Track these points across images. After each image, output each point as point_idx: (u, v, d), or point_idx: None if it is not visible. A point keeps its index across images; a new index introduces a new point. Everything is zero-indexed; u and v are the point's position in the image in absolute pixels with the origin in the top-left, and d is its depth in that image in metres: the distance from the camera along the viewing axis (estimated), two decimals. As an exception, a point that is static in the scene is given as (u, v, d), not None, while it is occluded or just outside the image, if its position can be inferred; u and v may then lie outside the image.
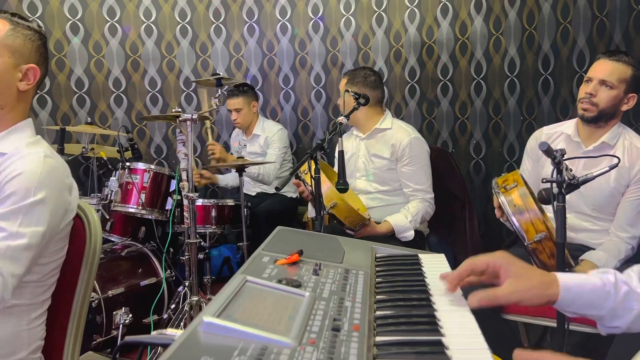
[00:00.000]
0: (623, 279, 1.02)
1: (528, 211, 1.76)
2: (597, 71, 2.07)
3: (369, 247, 1.36)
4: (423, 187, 2.66)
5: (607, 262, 1.98)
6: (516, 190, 1.80)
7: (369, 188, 2.73)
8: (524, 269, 1.02)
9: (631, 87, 2.05)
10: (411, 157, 2.64)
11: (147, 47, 4.22)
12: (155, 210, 2.99)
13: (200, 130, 4.28)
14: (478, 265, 1.04)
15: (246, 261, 1.09)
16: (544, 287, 1.00)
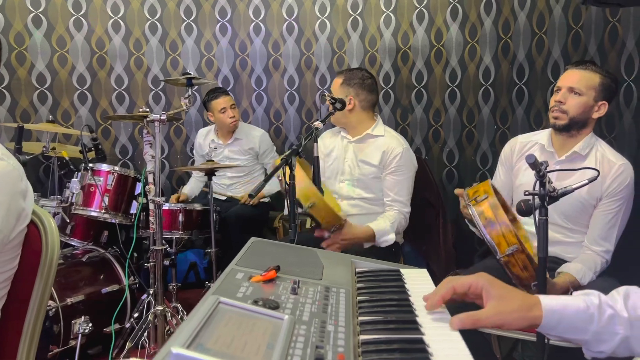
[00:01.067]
0: (608, 301, 0.98)
1: (499, 223, 1.72)
2: (566, 80, 2.09)
3: (349, 261, 1.29)
4: (402, 199, 2.60)
5: (584, 274, 1.97)
6: (486, 202, 1.76)
7: (352, 194, 2.65)
8: (507, 290, 0.98)
9: (601, 95, 2.05)
10: (399, 166, 2.57)
11: (114, 44, 4.06)
12: (119, 214, 2.85)
13: (167, 131, 4.15)
14: (459, 287, 1.01)
15: (218, 278, 1.00)
16: (527, 309, 0.96)
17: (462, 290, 1.00)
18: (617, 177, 2.03)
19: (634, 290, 0.98)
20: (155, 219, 2.44)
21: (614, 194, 2.03)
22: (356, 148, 2.66)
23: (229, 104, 3.60)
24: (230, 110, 3.60)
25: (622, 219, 2.05)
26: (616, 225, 2.04)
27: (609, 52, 2.66)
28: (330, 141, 2.77)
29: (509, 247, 1.68)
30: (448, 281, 1.02)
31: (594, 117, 2.08)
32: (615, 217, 2.03)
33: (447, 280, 1.02)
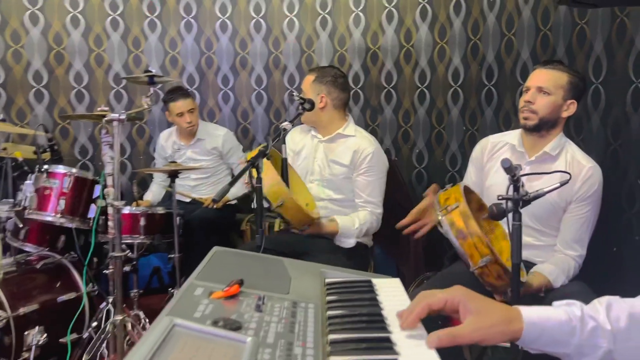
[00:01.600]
0: (590, 313, 0.94)
1: (470, 234, 1.68)
2: (534, 79, 2.08)
3: (318, 271, 1.22)
4: (375, 200, 2.54)
5: (557, 276, 1.94)
6: (457, 211, 1.72)
7: (321, 194, 2.58)
8: (485, 304, 0.93)
9: (569, 94, 2.04)
10: (370, 167, 2.52)
11: (73, 39, 3.89)
12: (76, 219, 2.70)
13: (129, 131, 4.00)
14: (435, 304, 0.95)
15: (175, 295, 0.91)
16: (507, 323, 0.91)
17: (438, 307, 0.94)
18: (587, 180, 2.02)
19: (615, 301, 0.94)
20: (114, 223, 2.32)
21: (584, 197, 2.02)
22: (326, 148, 2.60)
23: (187, 108, 3.45)
24: (187, 115, 3.45)
25: (592, 221, 2.05)
26: (587, 229, 2.03)
27: (577, 54, 2.66)
28: (300, 138, 2.70)
29: (482, 259, 1.64)
30: (422, 297, 0.96)
31: (563, 116, 2.07)
32: (587, 222, 2.02)
33: (422, 297, 0.97)
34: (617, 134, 2.39)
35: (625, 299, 0.94)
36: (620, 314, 0.92)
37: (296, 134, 2.72)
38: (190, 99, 3.51)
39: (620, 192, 2.34)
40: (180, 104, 3.45)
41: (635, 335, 0.91)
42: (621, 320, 0.91)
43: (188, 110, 3.46)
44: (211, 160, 3.60)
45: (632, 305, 0.93)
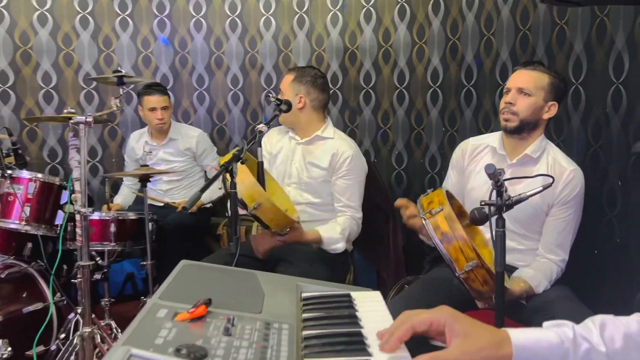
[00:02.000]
0: (582, 333, 0.88)
1: (456, 237, 1.62)
2: (515, 81, 2.04)
3: (294, 285, 1.15)
4: (354, 204, 2.49)
5: (540, 282, 1.90)
6: (442, 215, 1.66)
7: (299, 198, 2.50)
8: (472, 326, 0.88)
9: (550, 95, 2.01)
10: (349, 170, 2.46)
11: (41, 38, 3.75)
12: (42, 226, 2.59)
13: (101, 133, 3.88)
14: (419, 326, 0.89)
15: (134, 319, 0.83)
16: (495, 347, 0.86)
17: (422, 328, 0.88)
18: (568, 183, 1.99)
19: (609, 320, 0.89)
20: (82, 231, 2.21)
21: (566, 201, 1.99)
22: (305, 150, 2.53)
23: (161, 104, 3.37)
24: (160, 111, 3.37)
25: (574, 225, 2.02)
26: (570, 233, 2.00)
27: (557, 54, 2.64)
28: (277, 140, 2.62)
29: (468, 263, 1.58)
30: (406, 318, 0.90)
31: (544, 117, 2.03)
32: (569, 225, 1.99)
33: (405, 317, 0.90)
34: (597, 135, 2.36)
35: (619, 318, 0.89)
36: (614, 334, 0.87)
37: (273, 135, 2.65)
38: (167, 97, 3.43)
39: (601, 194, 2.32)
40: (155, 98, 3.36)
41: (632, 356, 0.86)
42: (616, 340, 0.86)
43: (162, 107, 3.37)
44: (184, 162, 3.50)
45: (627, 325, 0.88)
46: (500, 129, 2.12)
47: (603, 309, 0.92)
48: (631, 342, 0.86)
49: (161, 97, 3.38)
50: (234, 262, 1.82)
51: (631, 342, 0.86)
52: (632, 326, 0.88)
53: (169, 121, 3.45)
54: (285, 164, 2.55)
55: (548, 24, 2.69)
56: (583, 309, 1.83)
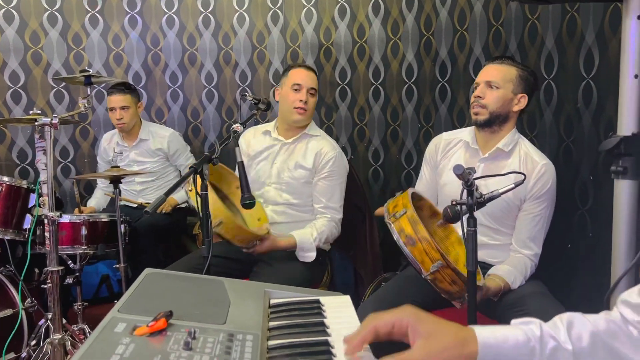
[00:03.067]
0: (549, 332, 0.88)
1: (420, 240, 1.63)
2: (483, 75, 2.07)
3: (262, 291, 1.12)
4: (335, 206, 2.47)
5: (515, 278, 1.92)
6: (405, 218, 1.67)
7: (278, 199, 2.48)
8: (435, 325, 0.87)
9: (519, 87, 2.03)
10: (332, 171, 2.45)
11: (7, 36, 3.65)
12: (9, 230, 2.52)
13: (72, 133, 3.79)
14: (382, 327, 0.88)
15: (90, 336, 0.80)
16: (460, 345, 0.85)
17: (385, 330, 0.87)
18: (540, 177, 2.00)
19: (577, 318, 0.89)
20: (50, 235, 2.16)
21: (538, 196, 2.00)
22: (290, 150, 2.51)
23: (120, 104, 3.28)
24: (118, 111, 3.28)
25: (547, 219, 2.03)
26: (543, 227, 2.01)
27: (529, 49, 2.65)
28: (256, 141, 2.58)
29: (433, 264, 1.58)
30: (370, 320, 0.89)
31: (514, 110, 2.05)
32: (542, 220, 2.00)
33: (369, 319, 0.89)
34: (569, 130, 2.38)
35: (587, 316, 0.89)
36: (582, 332, 0.86)
37: (251, 138, 2.61)
38: (128, 96, 3.32)
39: (573, 188, 2.34)
40: (113, 98, 3.30)
41: (599, 354, 0.86)
42: (583, 339, 0.86)
43: (120, 107, 3.29)
44: (156, 162, 3.44)
45: (594, 323, 0.88)
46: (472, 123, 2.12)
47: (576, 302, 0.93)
48: (598, 341, 0.86)
49: (120, 96, 3.29)
50: (206, 266, 1.79)
51: (598, 341, 0.86)
52: (599, 324, 0.88)
53: (130, 121, 3.34)
54: (266, 164, 2.52)
55: (520, 20, 2.70)
56: (556, 304, 1.84)
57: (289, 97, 2.46)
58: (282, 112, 2.52)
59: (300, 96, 2.44)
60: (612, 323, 0.88)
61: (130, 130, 3.41)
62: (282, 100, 2.50)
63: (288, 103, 2.46)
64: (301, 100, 2.43)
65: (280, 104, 2.52)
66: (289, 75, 2.50)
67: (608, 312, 0.90)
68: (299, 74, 2.48)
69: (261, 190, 2.50)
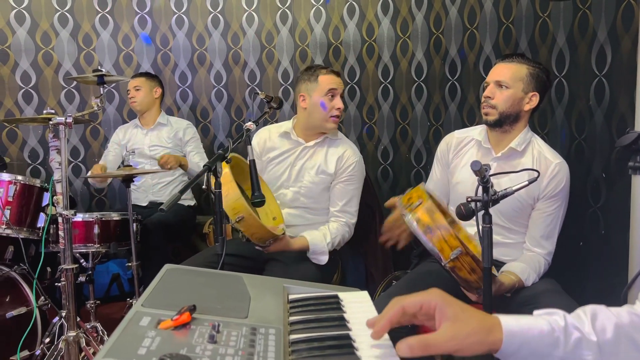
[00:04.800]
0: (574, 323, 0.88)
1: (438, 228, 1.62)
2: (493, 74, 2.04)
3: (280, 287, 1.13)
4: (351, 210, 2.45)
5: (529, 275, 1.91)
6: (422, 208, 1.65)
7: (295, 202, 2.45)
8: (462, 310, 0.87)
9: (530, 86, 2.00)
10: (351, 176, 2.42)
11: (19, 37, 3.68)
12: (23, 229, 2.54)
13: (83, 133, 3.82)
14: (409, 307, 0.88)
15: (117, 328, 0.81)
16: (485, 332, 0.85)
17: (412, 310, 0.87)
18: (554, 177, 1.98)
19: (601, 310, 0.89)
20: (64, 234, 2.17)
21: (551, 195, 1.98)
22: (310, 153, 2.45)
23: (132, 85, 3.46)
24: (132, 91, 3.46)
25: (560, 218, 2.02)
26: (556, 226, 2.00)
27: (540, 47, 2.64)
28: (272, 143, 2.52)
29: (453, 251, 1.57)
30: (396, 301, 0.89)
31: (525, 109, 2.01)
32: (555, 219, 1.99)
33: (395, 301, 0.89)
34: (581, 127, 2.37)
35: (610, 309, 0.89)
36: (606, 324, 0.86)
37: (265, 136, 2.54)
38: (142, 78, 3.49)
39: (585, 186, 2.34)
40: (130, 81, 3.48)
41: (623, 347, 0.86)
42: (607, 331, 0.86)
43: (134, 87, 3.46)
44: (171, 149, 3.46)
45: (618, 316, 0.88)
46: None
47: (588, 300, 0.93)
48: (622, 333, 0.86)
49: (135, 79, 3.47)
50: (220, 263, 1.80)
51: (622, 333, 0.86)
52: (623, 317, 0.88)
53: (141, 101, 3.46)
54: (285, 167, 2.47)
55: (531, 17, 2.69)
56: (570, 301, 1.84)
57: (325, 104, 2.36)
58: (312, 120, 2.41)
59: (337, 103, 2.36)
60: (636, 316, 0.88)
61: (144, 112, 3.49)
62: (313, 108, 2.38)
63: (324, 111, 2.36)
64: (338, 108, 2.36)
65: (309, 112, 2.40)
66: (319, 82, 2.37)
67: (630, 306, 0.90)
68: (331, 79, 2.38)
69: (277, 193, 2.48)
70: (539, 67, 2.03)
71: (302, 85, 2.42)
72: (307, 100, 2.40)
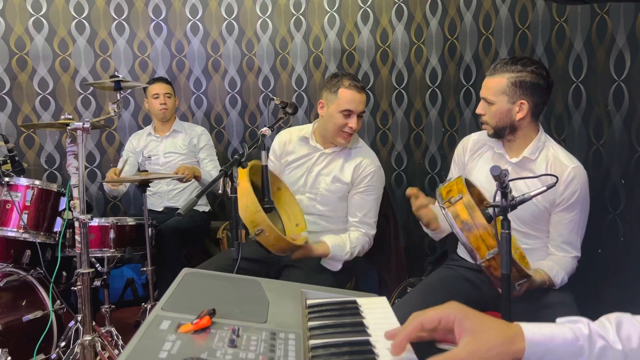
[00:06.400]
0: (598, 331, 0.86)
1: (476, 226, 1.59)
2: (482, 90, 2.01)
3: (298, 292, 1.12)
4: (370, 221, 2.42)
5: (557, 272, 1.89)
6: (461, 203, 1.63)
7: (312, 209, 2.42)
8: (482, 321, 0.86)
9: (515, 96, 1.92)
10: (370, 186, 2.39)
11: (37, 44, 3.73)
12: (40, 233, 2.56)
13: (99, 138, 3.85)
14: (428, 322, 0.87)
15: (137, 331, 0.81)
16: (508, 343, 0.84)
17: (430, 325, 0.87)
18: (570, 181, 1.93)
19: (626, 319, 0.87)
20: (81, 238, 2.19)
21: (569, 201, 1.94)
22: (328, 160, 2.43)
23: (164, 91, 3.45)
24: (162, 97, 3.44)
25: (581, 223, 1.99)
26: (578, 232, 1.97)
27: (557, 52, 2.62)
28: (292, 147, 2.49)
29: (489, 251, 1.55)
30: (414, 317, 0.88)
31: (517, 119, 1.94)
32: (576, 225, 1.96)
33: (414, 316, 0.89)
34: (599, 133, 2.35)
35: (636, 317, 0.87)
36: (631, 332, 0.85)
37: (286, 139, 2.52)
38: (170, 86, 3.50)
39: (604, 192, 2.30)
40: (156, 86, 3.45)
41: None
42: (633, 339, 0.84)
43: (164, 94, 3.44)
44: (185, 156, 3.47)
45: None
46: None
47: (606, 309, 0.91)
48: None
49: (165, 84, 3.47)
50: (235, 268, 1.80)
51: None
52: None
53: (171, 109, 3.49)
54: (302, 172, 2.45)
55: (547, 22, 2.67)
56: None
57: (337, 120, 2.31)
58: (325, 129, 2.38)
59: (350, 122, 2.30)
60: None
61: (168, 119, 3.51)
62: (327, 118, 2.34)
63: (335, 125, 2.32)
64: (350, 127, 2.31)
65: (324, 121, 2.37)
66: (339, 96, 2.30)
67: None
68: (351, 98, 2.30)
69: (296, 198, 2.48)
70: (524, 69, 1.91)
71: (324, 92, 2.39)
72: (324, 109, 2.38)
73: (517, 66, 1.92)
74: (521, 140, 2.02)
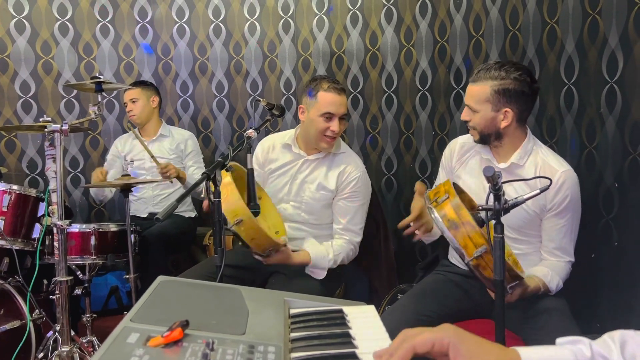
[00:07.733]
0: (601, 352, 0.81)
1: (463, 224, 1.55)
2: (466, 97, 1.99)
3: (281, 300, 1.06)
4: (355, 228, 2.37)
5: (552, 278, 1.84)
6: (448, 203, 1.59)
7: (296, 217, 2.38)
8: (478, 346, 0.81)
9: (499, 104, 1.88)
10: (354, 192, 2.35)
11: (18, 46, 3.64)
12: (18, 240, 2.48)
13: (82, 143, 3.76)
14: (420, 346, 0.81)
15: (100, 347, 0.74)
16: None
17: (423, 349, 0.80)
18: (560, 186, 1.89)
19: (630, 336, 0.81)
20: (59, 245, 2.11)
21: (560, 207, 1.90)
22: (312, 167, 2.38)
23: (129, 98, 3.34)
24: (129, 104, 3.35)
25: (574, 228, 1.95)
26: (570, 237, 1.93)
27: (548, 54, 2.58)
28: (274, 154, 2.45)
29: (477, 249, 1.50)
30: (406, 338, 0.82)
31: (502, 126, 1.91)
32: (568, 230, 1.92)
33: (405, 337, 0.82)
34: (592, 136, 2.31)
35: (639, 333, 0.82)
36: (636, 352, 0.79)
37: (269, 146, 2.47)
38: (137, 89, 3.36)
39: (597, 196, 2.26)
40: (125, 94, 3.37)
41: None
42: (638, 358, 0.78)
43: (130, 100, 3.35)
44: (173, 161, 3.38)
45: None
46: None
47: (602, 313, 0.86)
48: None
49: (130, 90, 3.36)
50: (219, 275, 1.73)
51: None
52: None
53: (140, 113, 3.36)
54: (286, 180, 2.41)
55: (538, 24, 2.64)
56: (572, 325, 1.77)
57: (318, 124, 2.26)
58: (307, 134, 2.33)
59: (331, 126, 2.26)
60: None
61: (144, 124, 3.40)
62: (309, 123, 2.30)
63: (317, 130, 2.27)
64: (332, 130, 2.26)
65: (306, 126, 2.33)
66: (318, 100, 2.26)
67: None
68: (331, 101, 2.24)
69: (277, 207, 2.41)
70: (507, 78, 1.87)
71: (303, 97, 2.35)
72: (305, 114, 2.33)
73: (501, 73, 1.88)
74: (508, 146, 1.98)
